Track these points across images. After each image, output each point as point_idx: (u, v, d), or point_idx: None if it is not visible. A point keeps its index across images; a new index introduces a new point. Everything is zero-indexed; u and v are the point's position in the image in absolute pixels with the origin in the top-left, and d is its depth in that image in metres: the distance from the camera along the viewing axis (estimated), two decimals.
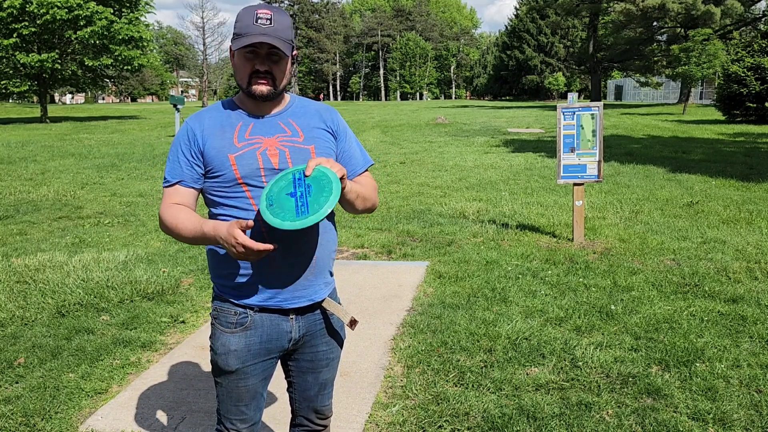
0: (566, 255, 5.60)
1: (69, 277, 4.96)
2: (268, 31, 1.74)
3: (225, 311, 1.86)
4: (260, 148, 1.81)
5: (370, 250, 6.01)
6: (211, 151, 1.81)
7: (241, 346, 1.84)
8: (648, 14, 39.13)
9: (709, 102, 37.60)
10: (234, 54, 1.80)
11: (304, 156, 1.83)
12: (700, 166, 11.51)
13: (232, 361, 1.85)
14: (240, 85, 1.82)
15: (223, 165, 1.79)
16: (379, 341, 3.81)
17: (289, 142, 1.84)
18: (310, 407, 2.04)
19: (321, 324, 1.94)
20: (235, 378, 1.87)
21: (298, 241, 1.82)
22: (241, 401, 1.90)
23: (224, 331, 1.86)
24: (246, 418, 1.93)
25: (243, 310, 1.84)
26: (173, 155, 1.87)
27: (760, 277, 4.91)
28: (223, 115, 1.86)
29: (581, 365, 3.39)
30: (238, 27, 1.77)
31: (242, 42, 1.73)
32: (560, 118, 6.01)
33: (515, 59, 69.87)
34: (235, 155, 1.79)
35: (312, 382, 2.00)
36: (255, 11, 1.76)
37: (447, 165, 12.19)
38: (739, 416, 2.88)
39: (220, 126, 1.84)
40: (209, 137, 1.82)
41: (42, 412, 3.01)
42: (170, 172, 1.87)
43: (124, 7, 30.25)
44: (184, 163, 1.84)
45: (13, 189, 9.62)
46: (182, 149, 1.85)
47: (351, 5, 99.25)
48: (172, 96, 21.02)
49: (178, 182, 1.85)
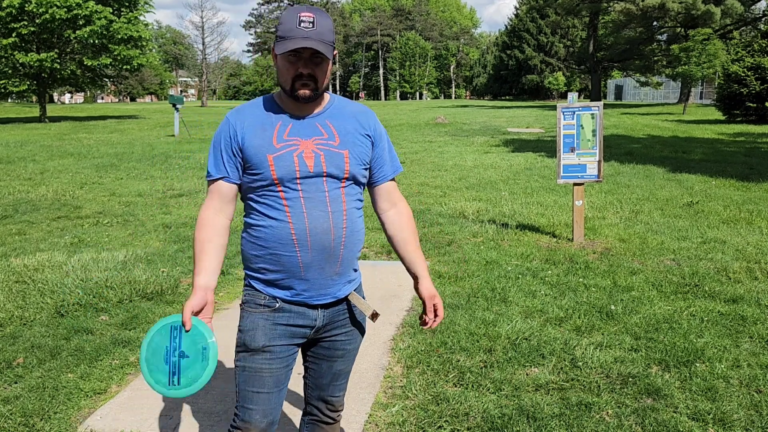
0: (566, 255, 5.60)
1: (68, 277, 4.95)
2: (311, 35, 1.76)
3: (255, 296, 1.92)
4: (297, 150, 1.84)
5: (369, 250, 6.00)
6: (251, 149, 1.83)
7: (268, 324, 1.89)
8: (648, 14, 39.14)
9: (709, 102, 37.62)
10: (276, 56, 1.81)
11: (338, 161, 1.86)
12: (700, 166, 11.50)
13: (260, 337, 1.88)
14: (283, 87, 1.84)
15: (262, 164, 1.82)
16: (378, 341, 3.80)
17: (324, 145, 1.86)
18: (321, 396, 2.07)
19: (345, 314, 2.00)
20: (261, 357, 1.89)
21: (327, 246, 1.86)
22: (263, 386, 1.90)
23: (253, 311, 1.91)
24: (266, 409, 1.90)
25: (272, 297, 1.90)
26: (215, 150, 1.90)
27: (760, 277, 4.90)
28: (264, 113, 1.88)
29: (581, 365, 3.38)
30: (281, 30, 1.78)
31: (287, 47, 1.75)
32: (560, 118, 6.00)
33: (515, 59, 69.84)
34: (273, 156, 1.82)
35: (326, 370, 2.04)
36: (298, 14, 1.78)
37: (447, 165, 12.19)
38: (739, 416, 2.88)
39: (261, 124, 1.86)
40: (249, 135, 1.85)
41: (41, 412, 3.00)
42: (213, 167, 1.91)
43: (123, 7, 30.21)
44: (226, 158, 1.88)
45: (12, 189, 9.61)
46: (223, 145, 1.88)
47: (350, 5, 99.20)
48: (172, 95, 21.01)
49: (221, 178, 1.89)
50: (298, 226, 1.83)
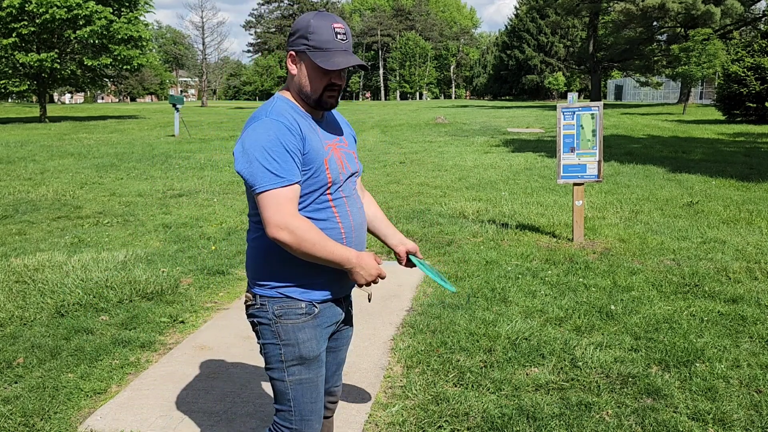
0: (566, 255, 5.60)
1: (68, 277, 4.95)
2: (348, 48, 1.79)
3: (292, 306, 1.87)
4: (334, 152, 1.88)
5: (369, 249, 6.00)
6: (312, 153, 1.79)
7: (316, 332, 1.91)
8: (648, 14, 39.14)
9: (709, 102, 37.61)
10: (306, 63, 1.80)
11: (352, 161, 1.95)
12: (700, 166, 11.50)
13: (315, 346, 1.91)
14: (307, 93, 1.82)
15: (320, 168, 1.80)
16: (378, 341, 3.80)
17: (342, 148, 1.93)
18: (324, 388, 2.10)
19: (350, 304, 2.12)
20: (316, 366, 1.92)
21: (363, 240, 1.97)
22: (319, 396, 1.95)
23: (296, 322, 1.87)
24: (321, 416, 1.99)
25: (308, 302, 1.89)
26: (279, 153, 1.72)
27: (760, 277, 4.90)
28: (301, 116, 1.83)
29: (581, 365, 3.38)
30: (316, 40, 1.76)
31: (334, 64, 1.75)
32: (560, 118, 6.00)
33: (515, 59, 69.84)
34: (327, 159, 1.83)
35: (332, 361, 2.10)
36: (332, 24, 1.78)
37: (447, 165, 12.18)
38: (739, 416, 2.88)
39: (309, 127, 1.84)
40: (308, 137, 1.79)
41: (41, 412, 3.00)
42: (285, 171, 1.72)
43: (124, 7, 30.22)
44: (297, 161, 1.75)
45: (12, 189, 9.61)
46: (290, 146, 1.73)
47: (351, 5, 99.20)
48: (172, 95, 21.00)
49: (297, 182, 1.76)
50: (346, 224, 1.88)
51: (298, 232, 1.71)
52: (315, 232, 1.74)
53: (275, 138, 1.72)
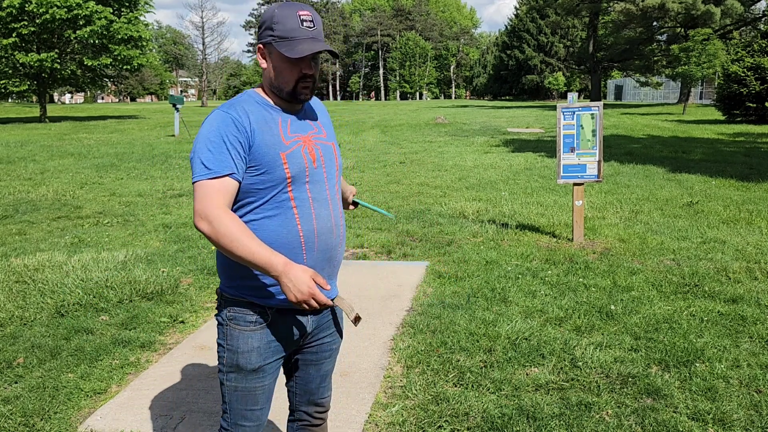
0: (566, 255, 5.60)
1: (68, 277, 4.95)
2: (315, 35, 1.71)
3: (242, 313, 1.80)
4: (302, 146, 1.78)
5: (369, 249, 6.00)
6: (262, 147, 1.70)
7: (263, 344, 1.81)
8: (648, 14, 39.14)
9: (709, 102, 37.62)
10: (272, 54, 1.74)
11: (330, 153, 1.86)
12: (700, 166, 11.50)
13: (255, 359, 1.81)
14: (281, 87, 1.76)
15: (275, 163, 1.70)
16: (378, 341, 3.80)
17: (318, 139, 1.84)
18: (310, 400, 2.04)
19: (329, 316, 1.97)
20: (255, 377, 1.83)
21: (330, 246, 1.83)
22: (257, 404, 1.86)
23: (244, 330, 1.79)
24: (260, 423, 1.91)
25: (261, 309, 1.80)
26: (216, 145, 1.67)
27: (760, 277, 4.90)
28: (261, 109, 1.76)
29: (581, 365, 3.38)
30: (281, 29, 1.70)
31: (301, 50, 1.68)
32: (560, 118, 6.00)
33: (515, 59, 69.84)
34: (285, 153, 1.73)
35: (314, 374, 2.00)
36: (297, 12, 1.71)
37: (447, 165, 12.19)
38: (738, 416, 2.88)
39: (264, 120, 1.74)
40: (259, 131, 1.71)
41: (41, 412, 3.00)
42: (216, 163, 1.66)
43: (124, 7, 30.23)
44: (234, 154, 1.67)
45: (12, 189, 9.61)
46: (230, 138, 1.67)
47: (350, 5, 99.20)
48: (172, 95, 21.00)
49: (229, 174, 1.67)
50: (307, 227, 1.76)
51: (215, 224, 1.62)
52: (236, 226, 1.62)
53: (216, 130, 1.69)
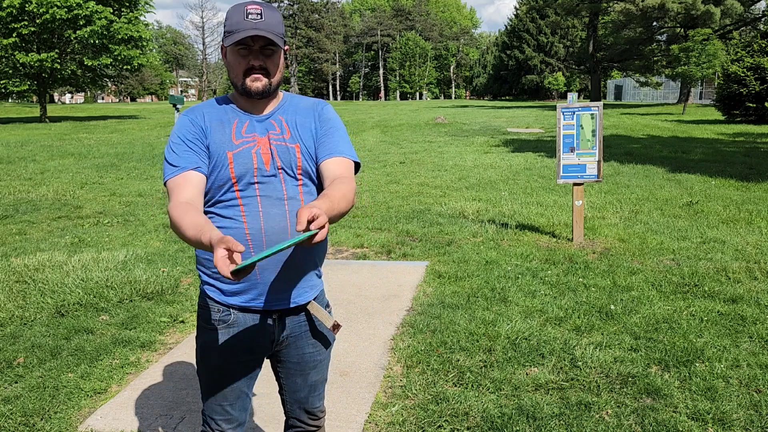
0: (566, 255, 5.60)
1: (68, 277, 4.95)
2: (259, 26, 1.70)
3: (209, 308, 1.83)
4: (255, 147, 1.78)
5: (369, 249, 6.01)
6: (212, 146, 1.76)
7: (223, 344, 1.83)
8: (648, 14, 39.14)
9: (709, 102, 37.60)
10: (227, 52, 1.76)
11: (290, 155, 1.79)
12: (700, 166, 11.51)
13: (214, 358, 1.84)
14: (234, 83, 1.78)
15: (222, 162, 1.74)
16: (378, 341, 3.81)
17: (277, 140, 1.80)
18: (302, 408, 2.02)
19: (305, 326, 1.91)
20: (219, 375, 1.86)
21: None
22: (226, 400, 1.89)
23: (207, 327, 1.84)
24: (231, 418, 1.91)
25: (226, 308, 1.82)
26: (177, 145, 1.76)
27: (760, 277, 4.91)
28: (219, 111, 1.82)
29: (581, 365, 3.39)
30: (228, 24, 1.73)
31: (235, 38, 1.70)
32: (560, 118, 6.01)
33: (515, 59, 69.84)
34: (233, 153, 1.75)
35: (301, 384, 1.97)
36: (244, 7, 1.73)
37: (446, 165, 12.19)
38: (738, 416, 2.88)
39: (219, 121, 1.79)
40: (212, 130, 1.78)
41: (41, 412, 3.01)
42: (180, 160, 1.74)
43: (124, 7, 30.24)
44: (196, 149, 1.75)
45: (13, 189, 9.61)
46: (189, 137, 1.76)
47: (351, 5, 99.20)
48: (172, 96, 21.01)
49: (195, 168, 1.74)
50: (253, 225, 1.75)
51: (170, 216, 1.67)
52: (181, 209, 1.64)
53: (176, 132, 1.80)
